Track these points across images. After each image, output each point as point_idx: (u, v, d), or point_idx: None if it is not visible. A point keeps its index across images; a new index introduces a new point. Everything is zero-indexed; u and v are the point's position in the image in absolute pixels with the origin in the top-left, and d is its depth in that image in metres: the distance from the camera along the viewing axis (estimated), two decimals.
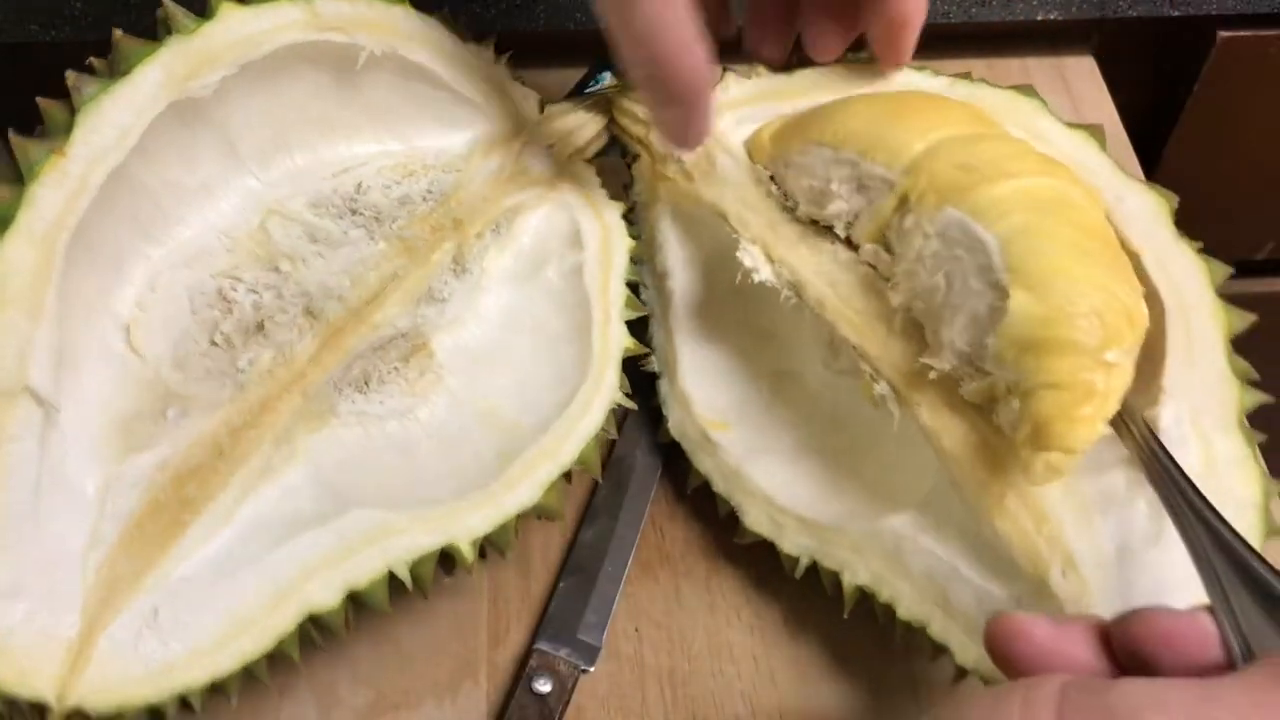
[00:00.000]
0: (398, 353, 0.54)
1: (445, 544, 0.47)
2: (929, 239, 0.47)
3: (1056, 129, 0.52)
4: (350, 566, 0.46)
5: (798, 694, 0.53)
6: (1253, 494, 0.45)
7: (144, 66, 0.48)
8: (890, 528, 0.49)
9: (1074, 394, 0.42)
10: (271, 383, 0.51)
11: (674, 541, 0.57)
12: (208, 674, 0.44)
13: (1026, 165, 0.47)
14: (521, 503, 0.49)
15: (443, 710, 0.52)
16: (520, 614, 0.55)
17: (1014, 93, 0.53)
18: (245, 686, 0.46)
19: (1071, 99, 0.74)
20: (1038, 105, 0.53)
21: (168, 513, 0.48)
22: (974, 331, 0.45)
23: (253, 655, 0.44)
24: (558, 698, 0.51)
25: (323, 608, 0.45)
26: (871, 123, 0.50)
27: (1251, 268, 0.91)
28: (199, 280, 0.53)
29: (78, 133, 0.46)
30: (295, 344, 0.51)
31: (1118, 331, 0.42)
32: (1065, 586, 0.44)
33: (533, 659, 0.52)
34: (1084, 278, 0.43)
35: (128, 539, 0.47)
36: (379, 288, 0.53)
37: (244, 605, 0.45)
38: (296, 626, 0.45)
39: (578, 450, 0.50)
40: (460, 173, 0.56)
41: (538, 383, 0.53)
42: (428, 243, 0.55)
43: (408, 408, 0.53)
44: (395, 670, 0.53)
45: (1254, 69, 0.76)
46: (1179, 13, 0.72)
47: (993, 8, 0.71)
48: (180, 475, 0.48)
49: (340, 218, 0.55)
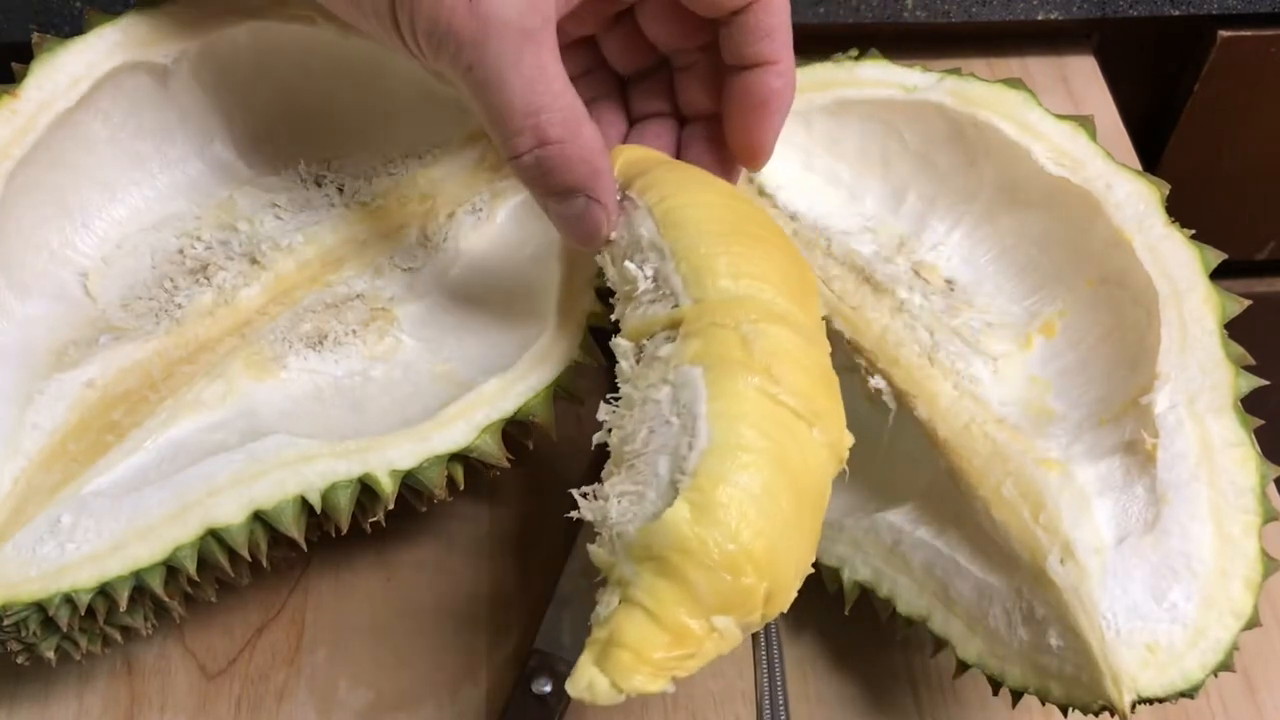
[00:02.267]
0: (357, 316, 0.53)
1: (362, 474, 0.46)
2: (665, 383, 0.41)
3: (1046, 121, 0.52)
4: (259, 487, 0.46)
5: (798, 693, 0.53)
6: (1249, 478, 0.45)
7: (104, 27, 0.50)
8: (888, 522, 0.49)
9: (662, 633, 0.37)
10: (211, 323, 0.51)
11: None
12: (96, 577, 0.44)
13: (797, 381, 0.40)
14: (452, 443, 0.48)
15: (443, 711, 0.52)
16: (520, 615, 0.55)
17: (1003, 86, 0.53)
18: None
19: (1071, 98, 0.74)
20: (1026, 97, 0.53)
21: (92, 433, 0.48)
22: (631, 505, 0.40)
23: (145, 563, 0.44)
24: (557, 698, 0.51)
25: (224, 523, 0.45)
26: (703, 226, 0.44)
27: (1251, 268, 0.91)
28: (164, 240, 0.54)
29: (30, 79, 0.49)
30: (239, 290, 0.52)
31: (747, 603, 0.38)
32: (1064, 574, 0.44)
33: (532, 660, 0.52)
34: (757, 535, 0.38)
35: (48, 454, 0.47)
36: (336, 248, 0.53)
37: (146, 517, 0.45)
38: (195, 539, 0.45)
39: (523, 400, 0.49)
40: (435, 155, 0.56)
41: (500, 350, 0.52)
42: (391, 212, 0.55)
43: (363, 369, 0.53)
44: (395, 670, 0.53)
45: (1254, 69, 0.76)
46: (1179, 12, 0.72)
47: (993, 7, 0.71)
48: (108, 398, 0.49)
49: (306, 188, 0.55)
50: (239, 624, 0.55)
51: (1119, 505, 0.45)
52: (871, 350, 0.50)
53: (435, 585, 0.56)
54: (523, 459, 0.60)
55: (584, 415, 0.61)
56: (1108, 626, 0.42)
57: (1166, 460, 0.45)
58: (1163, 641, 0.43)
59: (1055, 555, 0.44)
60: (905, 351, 0.49)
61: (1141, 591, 0.43)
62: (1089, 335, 0.51)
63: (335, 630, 0.54)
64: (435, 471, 0.48)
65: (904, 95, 0.54)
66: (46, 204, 0.52)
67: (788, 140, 0.55)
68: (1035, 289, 0.53)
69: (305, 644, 0.54)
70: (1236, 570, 0.43)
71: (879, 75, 0.55)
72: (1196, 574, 0.43)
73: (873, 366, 0.50)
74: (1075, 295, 0.52)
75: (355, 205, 0.54)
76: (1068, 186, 0.51)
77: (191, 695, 0.53)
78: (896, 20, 0.71)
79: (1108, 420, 0.48)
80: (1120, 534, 0.45)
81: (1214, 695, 0.53)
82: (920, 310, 0.51)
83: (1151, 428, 0.46)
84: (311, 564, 0.56)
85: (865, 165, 0.56)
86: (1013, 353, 0.52)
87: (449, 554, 0.57)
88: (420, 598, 0.55)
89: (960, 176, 0.54)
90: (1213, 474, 0.45)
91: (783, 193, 0.55)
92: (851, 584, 0.50)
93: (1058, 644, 0.44)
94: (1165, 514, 0.44)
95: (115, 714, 0.52)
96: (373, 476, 0.47)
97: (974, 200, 0.54)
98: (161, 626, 0.52)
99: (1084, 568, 0.43)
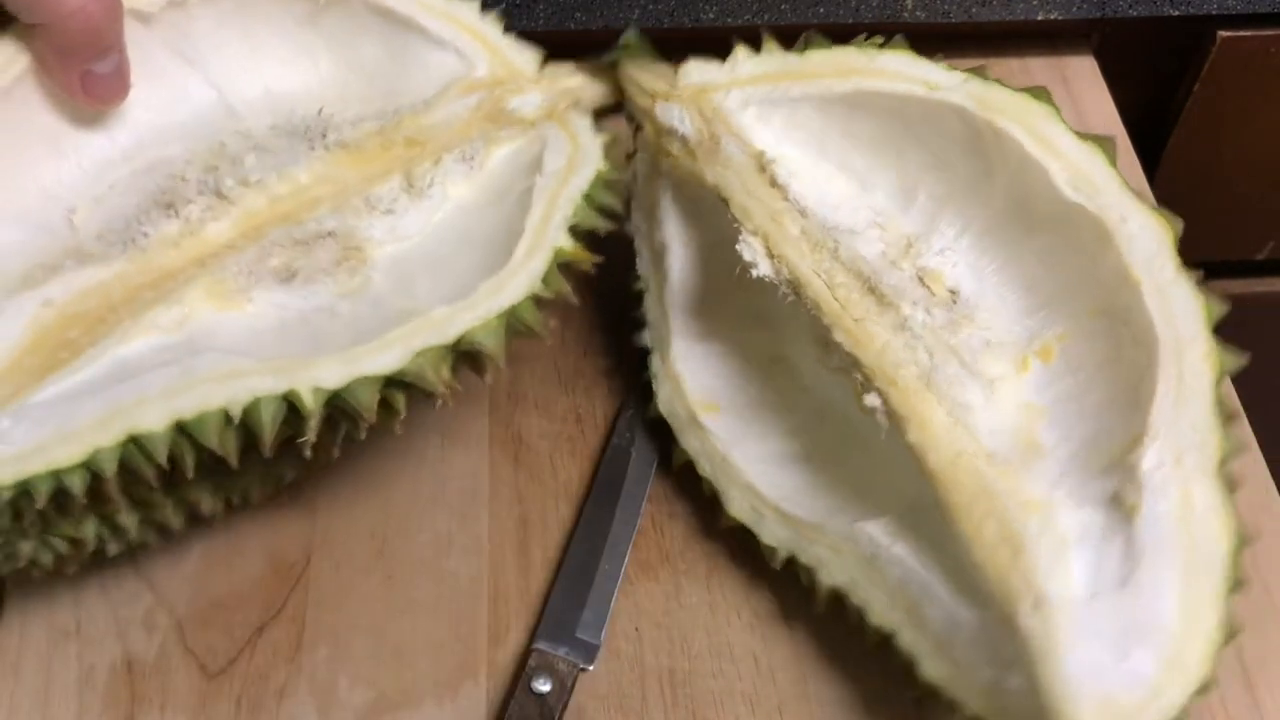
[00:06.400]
0: (328, 255, 0.53)
1: (286, 390, 0.46)
2: None
3: (1066, 138, 0.51)
4: (185, 399, 0.46)
5: (799, 693, 0.53)
6: (1223, 546, 0.45)
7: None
8: (868, 533, 0.49)
9: None
10: (176, 253, 0.51)
11: (674, 540, 0.57)
12: (15, 475, 0.44)
13: None
14: (383, 365, 0.47)
15: (443, 710, 0.52)
16: (520, 613, 0.55)
17: (1027, 95, 0.52)
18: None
19: (1071, 99, 0.74)
20: (1050, 112, 0.51)
21: (47, 349, 0.48)
22: None
23: (63, 463, 0.45)
24: (557, 697, 0.51)
25: (145, 430, 0.45)
26: None
27: (1251, 268, 0.91)
28: (154, 181, 0.54)
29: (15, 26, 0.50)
30: (207, 223, 0.52)
31: None
32: (1033, 623, 0.44)
33: (532, 658, 0.52)
34: None
35: (3, 368, 0.48)
36: (311, 187, 0.53)
37: (74, 422, 0.45)
38: (116, 444, 0.45)
39: (468, 327, 0.48)
40: (428, 104, 0.56)
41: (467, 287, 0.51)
42: (374, 156, 0.54)
43: (330, 304, 0.52)
44: (395, 670, 0.53)
45: (1254, 69, 0.76)
46: (1179, 13, 0.72)
47: (993, 7, 0.71)
48: (65, 317, 0.49)
49: (292, 136, 0.56)
50: (239, 623, 0.55)
51: (1096, 557, 0.45)
52: (870, 367, 0.49)
53: (435, 585, 0.56)
54: (522, 459, 0.60)
55: (584, 413, 0.61)
56: (1068, 679, 0.43)
57: (1148, 518, 0.45)
58: (1120, 699, 0.43)
59: (1028, 603, 0.44)
60: (903, 372, 0.49)
61: (1105, 648, 0.44)
62: (1086, 364, 0.50)
63: (335, 629, 0.55)
64: (365, 393, 0.47)
65: (925, 93, 0.52)
66: (37, 142, 0.52)
67: (803, 125, 0.55)
68: (1038, 308, 0.52)
69: (305, 643, 0.54)
70: (1199, 636, 0.44)
71: (902, 68, 0.53)
72: (1161, 637, 0.43)
73: (869, 383, 0.49)
74: (1076, 322, 0.51)
75: (336, 147, 0.54)
76: (1081, 212, 0.50)
77: (192, 695, 0.53)
78: (896, 20, 0.71)
79: (1096, 469, 0.48)
80: (1093, 588, 0.45)
81: (1214, 694, 0.53)
82: (922, 329, 0.50)
83: (1137, 485, 0.45)
84: (311, 563, 0.56)
85: (879, 157, 0.55)
86: (1008, 375, 0.51)
87: (449, 553, 0.57)
88: (420, 597, 0.55)
89: (974, 182, 0.53)
90: (1190, 538, 0.45)
91: (795, 182, 0.54)
92: (825, 588, 0.50)
93: (1018, 685, 0.44)
94: (1138, 573, 0.44)
95: (115, 714, 0.52)
96: (296, 393, 0.46)
97: (986, 208, 0.53)
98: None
99: (1053, 619, 0.44)
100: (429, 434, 0.60)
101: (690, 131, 0.53)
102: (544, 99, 0.56)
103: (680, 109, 0.54)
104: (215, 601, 0.55)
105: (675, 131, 0.54)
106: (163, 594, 0.56)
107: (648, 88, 0.55)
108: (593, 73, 0.56)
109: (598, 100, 0.56)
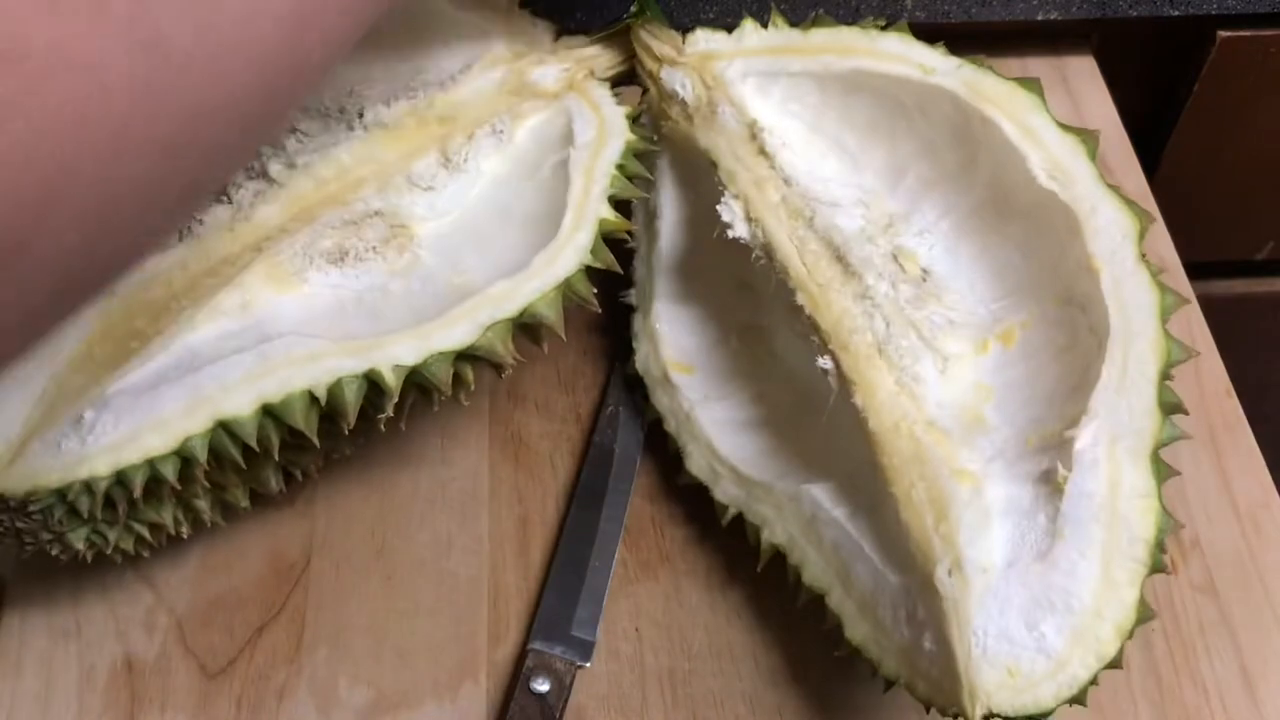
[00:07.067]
0: (376, 234, 0.54)
1: (367, 369, 0.48)
2: None
3: (1049, 129, 0.52)
4: (268, 383, 0.47)
5: (799, 693, 0.53)
6: (1147, 530, 0.45)
7: None
8: (810, 495, 0.51)
9: None
10: (231, 238, 0.53)
11: (674, 540, 0.57)
12: (111, 465, 0.46)
13: None
14: (455, 341, 0.49)
15: (443, 710, 0.52)
16: (520, 613, 0.55)
17: (1015, 85, 0.53)
18: None
19: (1071, 99, 0.74)
20: (1035, 102, 0.52)
21: (116, 339, 0.50)
22: None
23: (157, 451, 0.46)
24: (557, 696, 0.51)
25: (233, 415, 0.47)
26: None
27: (1251, 268, 0.91)
28: None
29: None
30: (257, 208, 0.53)
31: None
32: (948, 585, 0.45)
33: (529, 658, 0.52)
34: None
35: (77, 359, 0.49)
36: (354, 168, 0.55)
37: (160, 411, 0.47)
38: (205, 431, 0.47)
39: (529, 300, 0.50)
40: (456, 80, 0.57)
41: (518, 261, 0.53)
42: (410, 134, 0.56)
43: (382, 283, 0.54)
44: (395, 670, 0.53)
45: (1254, 69, 0.76)
46: (1179, 13, 0.72)
47: (993, 8, 0.71)
48: (131, 307, 0.51)
49: (328, 115, 0.56)
50: (239, 623, 0.55)
51: (1018, 530, 0.46)
52: (827, 331, 0.51)
53: (435, 585, 0.56)
54: (522, 459, 0.60)
55: (584, 413, 0.61)
56: (977, 643, 0.44)
57: (1074, 496, 0.46)
58: (1024, 668, 0.44)
59: (945, 566, 0.45)
60: (858, 339, 0.50)
61: (1016, 617, 0.44)
62: (1043, 352, 0.51)
63: (335, 629, 0.55)
64: (440, 368, 0.49)
65: (920, 76, 0.53)
66: None
67: (801, 100, 0.56)
68: (1006, 294, 0.53)
69: (305, 643, 0.54)
70: (1111, 615, 0.44)
71: (900, 50, 0.54)
72: (1072, 611, 0.44)
73: (824, 346, 0.50)
74: (1041, 309, 0.52)
75: (375, 127, 0.56)
76: (1054, 200, 0.50)
77: (192, 695, 0.53)
78: (895, 20, 0.71)
79: (1034, 446, 0.48)
80: (1011, 558, 0.46)
81: (1214, 694, 0.53)
82: (884, 299, 0.51)
83: (1068, 461, 0.46)
84: (311, 563, 0.56)
85: (872, 136, 0.56)
86: (966, 355, 0.52)
87: (449, 553, 0.57)
88: (420, 598, 0.55)
89: (960, 167, 0.54)
90: (1113, 518, 0.45)
91: (784, 152, 0.55)
92: (768, 544, 0.52)
93: (930, 648, 0.45)
94: (1058, 548, 0.45)
95: (115, 714, 0.52)
96: (377, 372, 0.48)
97: (969, 194, 0.54)
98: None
99: (968, 583, 0.45)
100: (429, 434, 0.61)
101: (690, 97, 0.55)
102: (563, 70, 0.57)
103: (684, 74, 0.55)
104: (215, 601, 0.55)
105: (677, 96, 0.55)
106: (163, 594, 0.56)
107: (656, 52, 0.56)
108: (605, 42, 0.57)
109: (612, 68, 0.57)
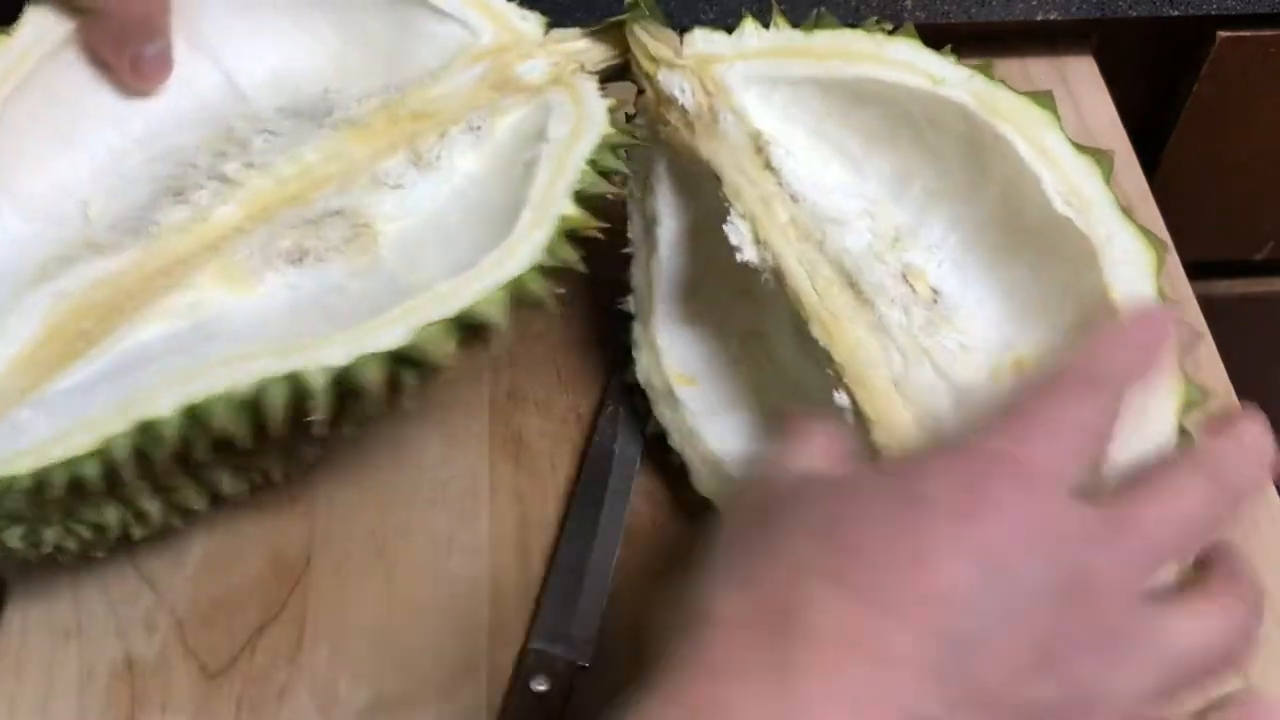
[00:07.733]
0: (337, 233, 0.53)
1: (292, 370, 0.46)
2: None
3: (1064, 148, 0.50)
4: (195, 384, 0.46)
5: None
6: None
7: None
8: None
9: None
10: (187, 239, 0.52)
11: (674, 541, 0.57)
12: (32, 465, 0.45)
13: None
14: (389, 341, 0.46)
15: (443, 710, 0.52)
16: (520, 613, 0.55)
17: (1029, 100, 0.51)
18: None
19: (1071, 99, 0.74)
20: (1049, 119, 0.51)
21: (63, 340, 0.49)
22: None
23: (79, 452, 0.45)
24: (557, 695, 0.51)
25: (156, 416, 0.45)
26: None
27: (1251, 268, 0.91)
28: (166, 169, 0.54)
29: (27, 14, 0.52)
30: (214, 208, 0.52)
31: None
32: None
33: (529, 658, 0.52)
34: None
35: (21, 360, 0.49)
36: (317, 166, 0.53)
37: (90, 411, 0.46)
38: (129, 431, 0.45)
39: (474, 300, 0.47)
40: (431, 75, 0.56)
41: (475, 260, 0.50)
42: (380, 131, 0.54)
43: (341, 283, 0.53)
44: (396, 670, 0.53)
45: (1254, 69, 0.76)
46: (1179, 13, 0.72)
47: (992, 8, 0.71)
48: (79, 308, 0.50)
49: (299, 117, 0.56)
50: (239, 623, 0.55)
51: None
52: (840, 364, 0.49)
53: (435, 585, 0.56)
54: (522, 459, 0.60)
55: (584, 413, 0.61)
56: None
57: None
58: None
59: None
60: (874, 373, 0.49)
61: None
62: None
63: (335, 630, 0.55)
64: (371, 370, 0.46)
65: (929, 86, 0.52)
66: (49, 135, 0.53)
67: (804, 105, 0.54)
68: (1017, 317, 0.52)
69: (306, 643, 0.54)
70: None
71: (908, 58, 0.52)
72: None
73: (838, 380, 0.49)
74: (1054, 336, 0.50)
75: (344, 125, 0.54)
76: (1069, 226, 0.49)
77: (192, 695, 0.53)
78: (896, 21, 0.70)
79: None
80: None
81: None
82: (898, 330, 0.50)
83: None
84: (312, 563, 0.56)
85: (878, 145, 0.55)
86: (979, 385, 0.50)
87: (448, 554, 0.57)
88: (420, 598, 0.55)
89: (968, 182, 0.53)
90: None
91: (790, 162, 0.53)
92: None
93: None
94: None
95: (115, 714, 0.52)
96: (302, 373, 0.46)
97: (977, 209, 0.53)
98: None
99: None
100: (429, 434, 0.61)
101: (690, 103, 0.53)
102: (550, 64, 0.55)
103: (682, 78, 0.53)
104: (216, 601, 0.55)
105: (675, 101, 0.53)
106: (163, 594, 0.56)
107: (652, 52, 0.54)
108: (599, 35, 0.55)
109: (603, 63, 0.55)
